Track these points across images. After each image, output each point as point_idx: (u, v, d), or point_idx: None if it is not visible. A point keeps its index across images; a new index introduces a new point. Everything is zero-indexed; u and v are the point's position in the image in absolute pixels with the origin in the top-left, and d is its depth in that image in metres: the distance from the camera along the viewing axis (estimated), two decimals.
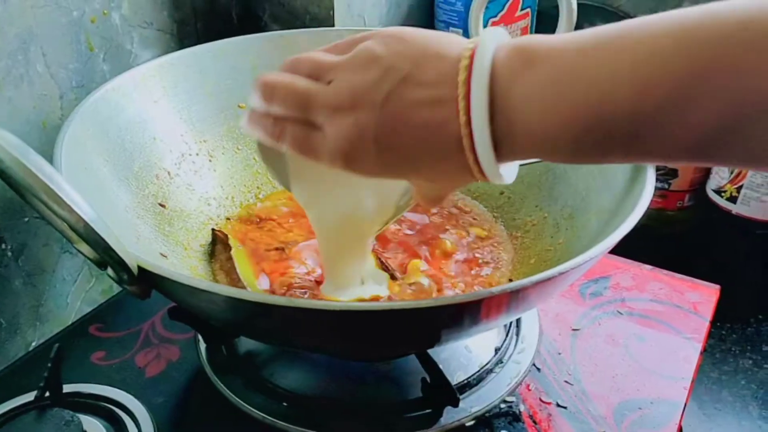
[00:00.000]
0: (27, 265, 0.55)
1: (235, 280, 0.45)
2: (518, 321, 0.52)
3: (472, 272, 0.50)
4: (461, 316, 0.35)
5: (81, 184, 0.41)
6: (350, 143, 0.30)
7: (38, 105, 0.53)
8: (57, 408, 0.41)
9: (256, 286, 0.46)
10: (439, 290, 0.46)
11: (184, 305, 0.38)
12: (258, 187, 0.58)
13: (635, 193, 0.41)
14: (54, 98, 0.54)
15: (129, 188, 0.47)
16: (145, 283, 0.33)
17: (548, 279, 0.34)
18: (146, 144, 0.51)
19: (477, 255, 0.51)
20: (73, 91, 0.56)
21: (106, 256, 0.30)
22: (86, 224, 0.29)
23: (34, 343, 0.56)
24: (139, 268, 0.32)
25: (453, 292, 0.46)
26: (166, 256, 0.46)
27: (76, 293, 0.60)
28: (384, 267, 0.48)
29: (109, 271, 0.33)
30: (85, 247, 0.33)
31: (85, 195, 0.39)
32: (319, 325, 0.33)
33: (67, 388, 0.45)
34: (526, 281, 0.33)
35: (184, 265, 0.47)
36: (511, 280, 0.48)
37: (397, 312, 0.33)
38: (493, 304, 0.35)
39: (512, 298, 0.35)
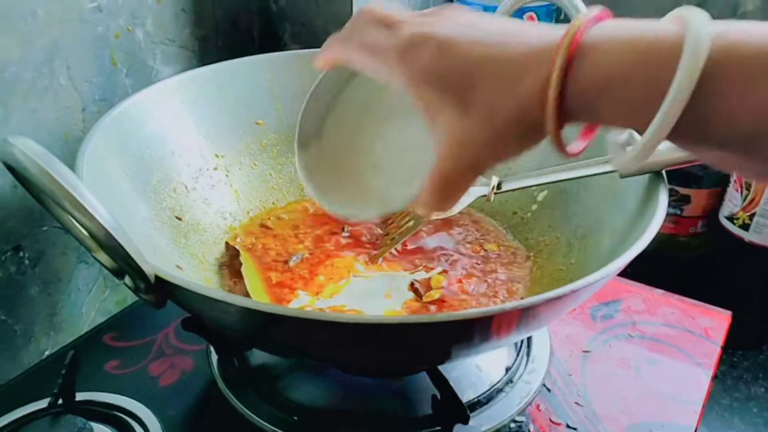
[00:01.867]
0: (44, 273, 0.56)
1: (246, 293, 0.46)
2: (529, 341, 0.52)
3: (487, 293, 0.50)
4: (472, 331, 0.35)
5: (101, 195, 0.40)
6: (413, 39, 0.28)
7: (61, 117, 0.54)
8: (70, 415, 0.42)
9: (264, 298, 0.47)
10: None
11: (198, 315, 0.39)
12: (273, 203, 0.59)
13: (648, 215, 0.41)
14: (77, 111, 0.56)
15: (147, 201, 0.48)
16: (161, 292, 0.34)
17: (559, 297, 0.34)
18: (165, 158, 0.52)
19: (491, 274, 0.51)
20: (96, 104, 0.57)
21: (124, 265, 0.31)
22: (107, 232, 0.30)
23: (47, 351, 0.57)
24: (156, 277, 0.33)
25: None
26: (181, 268, 0.46)
27: (91, 303, 0.61)
28: (414, 289, 0.49)
29: (127, 279, 0.33)
30: (103, 256, 0.33)
31: (106, 206, 0.41)
32: (329, 336, 0.34)
33: (81, 396, 0.45)
34: (536, 298, 0.33)
35: (199, 277, 0.48)
36: (522, 299, 0.48)
37: (408, 326, 0.33)
38: (504, 320, 0.35)
39: (523, 315, 0.35)
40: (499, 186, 0.50)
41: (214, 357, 0.49)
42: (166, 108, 0.53)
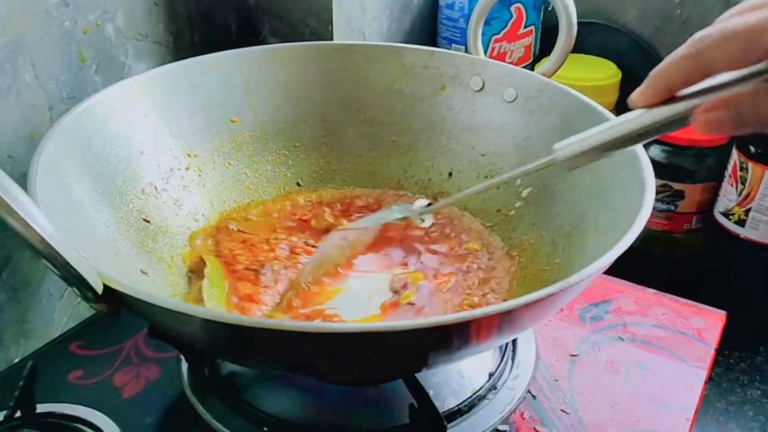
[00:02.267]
0: (11, 279, 0.53)
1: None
2: (514, 345, 0.50)
3: (467, 292, 0.48)
4: (449, 338, 0.33)
5: (56, 198, 0.39)
6: None
7: (26, 116, 0.52)
8: (27, 429, 0.40)
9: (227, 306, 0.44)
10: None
11: (156, 325, 0.37)
12: (248, 204, 0.57)
13: (633, 212, 0.39)
14: (43, 110, 0.54)
15: (111, 203, 0.46)
16: (112, 301, 0.32)
17: (540, 300, 0.32)
18: (133, 158, 0.49)
19: (471, 273, 0.49)
20: (64, 103, 0.55)
21: (66, 274, 0.29)
22: (42, 239, 0.28)
23: (17, 359, 0.55)
24: (105, 286, 0.31)
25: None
26: (146, 273, 0.44)
27: (63, 309, 0.59)
28: (393, 289, 0.47)
29: (75, 288, 0.31)
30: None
31: (60, 209, 0.39)
32: (293, 347, 0.32)
33: (42, 407, 0.43)
34: (517, 302, 0.31)
35: (167, 282, 0.46)
36: (505, 300, 0.46)
37: (381, 334, 0.31)
38: (483, 325, 0.33)
39: (503, 320, 0.33)
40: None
41: (184, 365, 0.47)
42: (134, 106, 0.51)
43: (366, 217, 0.54)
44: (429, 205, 0.48)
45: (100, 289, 0.30)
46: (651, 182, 0.40)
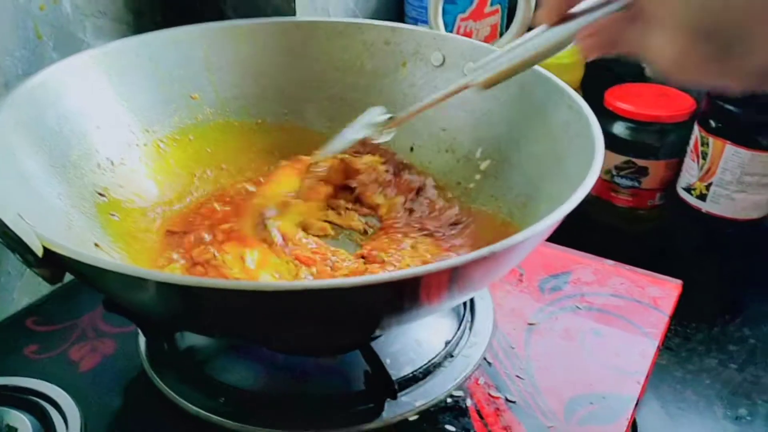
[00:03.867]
0: None
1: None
2: (472, 315, 0.50)
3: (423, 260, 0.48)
4: (399, 295, 0.33)
5: (4, 169, 0.39)
6: None
7: None
8: None
9: None
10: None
11: (104, 292, 0.37)
12: (208, 180, 0.56)
13: (582, 179, 0.39)
14: None
15: (65, 176, 0.46)
16: (54, 265, 0.31)
17: (485, 257, 0.32)
18: (88, 132, 0.49)
19: (429, 243, 0.49)
20: (20, 79, 0.54)
21: (1, 235, 0.29)
22: None
23: None
24: (45, 249, 0.31)
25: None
26: (100, 246, 0.44)
27: (23, 288, 0.59)
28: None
29: (15, 252, 0.31)
30: None
31: (8, 181, 0.39)
32: (238, 308, 0.32)
33: None
34: (463, 258, 0.32)
35: (122, 255, 0.46)
36: None
37: (331, 291, 0.31)
38: (433, 282, 0.33)
39: (452, 276, 0.34)
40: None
41: (142, 340, 0.47)
42: (89, 80, 0.50)
43: (329, 146, 0.53)
44: (390, 119, 0.50)
45: (39, 252, 0.30)
46: (600, 150, 0.41)
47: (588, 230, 0.77)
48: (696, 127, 0.72)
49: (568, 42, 0.37)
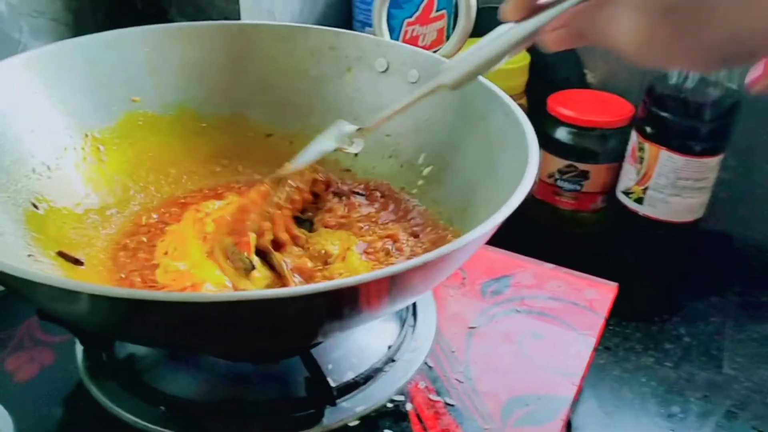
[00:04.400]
0: None
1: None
2: (415, 319, 0.51)
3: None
4: (338, 304, 0.34)
5: None
6: None
7: None
8: None
9: None
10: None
11: (33, 305, 0.36)
12: (151, 186, 0.56)
13: (518, 184, 0.40)
14: None
15: None
16: None
17: (423, 264, 0.33)
18: (21, 136, 0.48)
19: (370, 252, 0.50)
20: None
21: None
22: None
23: None
24: None
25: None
26: (34, 256, 0.43)
27: None
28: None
29: None
30: None
31: None
32: (165, 319, 0.32)
33: None
34: (402, 266, 0.32)
35: (55, 265, 0.45)
36: None
37: (267, 302, 0.31)
38: (372, 290, 0.34)
39: (391, 284, 0.34)
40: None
41: (79, 349, 0.46)
42: (22, 83, 0.49)
43: (300, 156, 0.52)
44: (358, 130, 0.50)
45: None
46: (534, 158, 0.42)
47: (532, 233, 0.79)
48: (633, 133, 0.74)
49: (534, 37, 0.37)
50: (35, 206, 0.47)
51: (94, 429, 0.42)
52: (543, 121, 0.78)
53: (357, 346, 0.48)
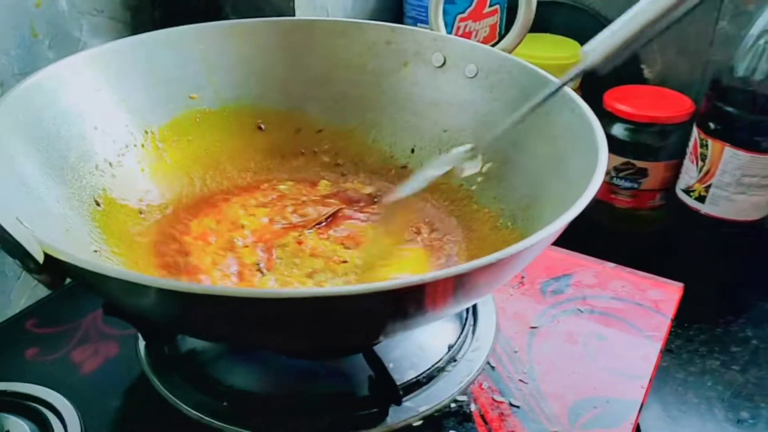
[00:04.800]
0: None
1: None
2: (474, 319, 0.50)
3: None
4: (403, 303, 0.33)
5: (1, 172, 0.38)
6: None
7: None
8: None
9: None
10: None
11: (103, 297, 0.36)
12: (209, 182, 0.56)
13: (586, 182, 0.39)
14: None
15: (63, 179, 0.45)
16: (55, 271, 0.31)
17: (492, 264, 0.32)
18: (86, 133, 0.48)
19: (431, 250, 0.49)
20: (16, 78, 0.54)
21: (1, 241, 0.28)
22: None
23: None
24: (46, 255, 0.30)
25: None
26: (99, 252, 0.43)
27: (21, 290, 0.58)
28: None
29: (16, 258, 0.30)
30: None
31: (4, 184, 0.38)
32: (242, 315, 0.31)
33: None
34: (469, 265, 0.31)
35: (120, 260, 0.45)
36: None
37: (330, 299, 0.31)
38: (438, 289, 0.33)
39: (457, 284, 0.33)
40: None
41: (143, 343, 0.47)
42: (86, 80, 0.49)
43: (408, 183, 0.50)
44: (472, 149, 0.47)
45: (40, 258, 0.30)
46: (604, 152, 0.41)
47: (587, 232, 0.77)
48: (695, 129, 0.72)
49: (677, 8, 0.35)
50: (97, 203, 0.47)
51: (157, 422, 0.42)
52: (599, 118, 0.75)
53: (417, 345, 0.47)
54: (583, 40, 0.46)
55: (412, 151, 0.58)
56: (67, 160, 0.46)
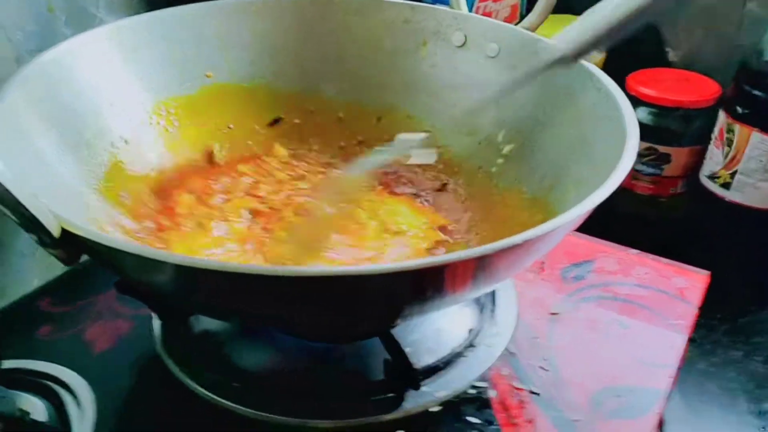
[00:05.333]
0: None
1: None
2: (494, 304, 0.49)
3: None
4: (422, 284, 0.32)
5: (17, 149, 0.38)
6: None
7: None
8: None
9: None
10: None
11: (117, 274, 0.36)
12: (224, 161, 0.55)
13: (614, 165, 0.37)
14: (10, 61, 0.52)
15: (79, 156, 0.44)
16: (70, 246, 0.30)
17: (514, 246, 0.31)
18: (101, 110, 0.48)
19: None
20: (31, 54, 0.53)
21: (17, 214, 0.27)
22: None
23: None
24: (63, 229, 0.29)
25: None
26: (114, 228, 0.43)
27: (36, 269, 0.58)
28: None
29: (31, 232, 0.30)
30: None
31: (21, 160, 0.37)
32: (259, 293, 0.31)
33: (9, 363, 0.42)
34: (491, 247, 0.30)
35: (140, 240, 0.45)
36: None
37: (348, 277, 0.30)
38: (458, 271, 0.32)
39: (477, 266, 0.32)
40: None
41: (156, 322, 0.46)
42: (102, 56, 0.49)
43: (356, 163, 0.51)
44: (428, 138, 0.47)
45: (57, 233, 0.29)
46: (634, 132, 0.39)
47: (607, 217, 0.75)
48: (721, 114, 0.70)
49: None
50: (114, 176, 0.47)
51: (169, 402, 0.42)
52: None
53: (435, 329, 0.46)
54: None
55: (429, 133, 0.56)
56: (82, 136, 0.45)
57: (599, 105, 0.44)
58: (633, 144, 0.38)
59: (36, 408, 0.39)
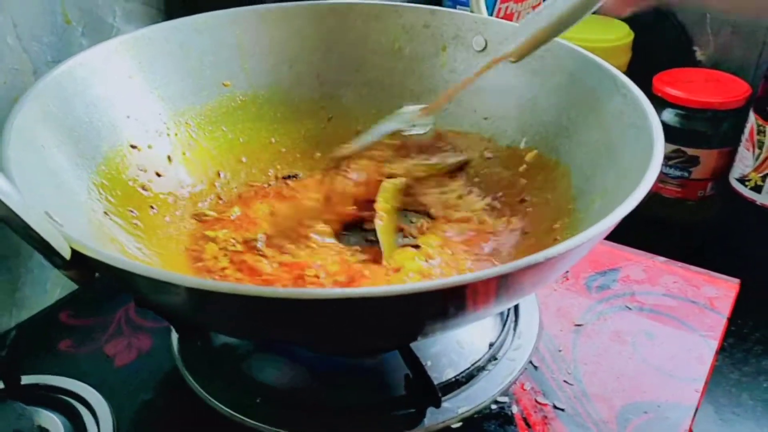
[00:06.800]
0: (0, 248, 0.52)
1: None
2: (516, 315, 0.48)
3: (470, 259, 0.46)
4: (444, 303, 0.31)
5: (31, 163, 0.38)
6: None
7: (9, 80, 0.50)
8: (10, 400, 0.39)
9: None
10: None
11: (133, 293, 0.35)
12: (245, 172, 0.54)
13: (641, 174, 0.36)
14: (27, 73, 0.52)
15: (94, 169, 0.44)
16: (83, 266, 0.30)
17: (538, 263, 0.30)
18: (117, 122, 0.47)
19: (475, 243, 0.47)
20: (49, 66, 0.53)
21: (26, 236, 0.27)
22: None
23: (10, 329, 0.54)
24: (74, 251, 0.29)
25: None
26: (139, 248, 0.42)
27: (57, 279, 0.58)
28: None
29: (42, 254, 0.29)
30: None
31: (35, 175, 0.37)
32: (274, 315, 0.30)
33: (28, 379, 0.42)
34: (514, 265, 0.29)
35: (151, 253, 0.44)
36: None
37: (369, 300, 0.29)
38: (480, 290, 0.31)
39: (500, 284, 0.31)
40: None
41: (175, 336, 0.46)
42: (118, 67, 0.48)
43: (361, 137, 0.52)
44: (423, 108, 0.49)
45: (67, 254, 0.28)
46: (660, 141, 0.38)
47: (632, 223, 0.74)
48: (752, 114, 0.68)
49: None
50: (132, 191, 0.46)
51: (189, 418, 0.42)
52: None
53: (456, 343, 0.45)
54: (632, 21, 0.43)
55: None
56: (99, 150, 0.45)
57: (625, 112, 0.43)
58: (659, 153, 0.37)
59: (54, 425, 0.39)
